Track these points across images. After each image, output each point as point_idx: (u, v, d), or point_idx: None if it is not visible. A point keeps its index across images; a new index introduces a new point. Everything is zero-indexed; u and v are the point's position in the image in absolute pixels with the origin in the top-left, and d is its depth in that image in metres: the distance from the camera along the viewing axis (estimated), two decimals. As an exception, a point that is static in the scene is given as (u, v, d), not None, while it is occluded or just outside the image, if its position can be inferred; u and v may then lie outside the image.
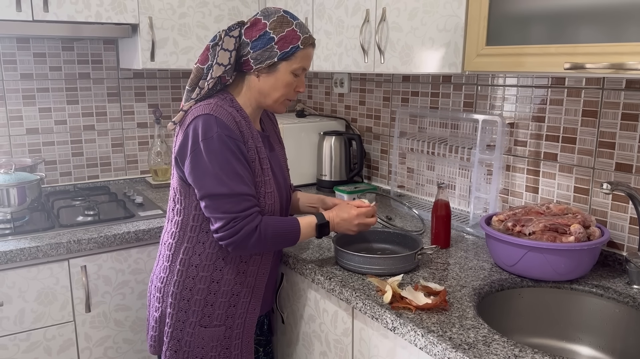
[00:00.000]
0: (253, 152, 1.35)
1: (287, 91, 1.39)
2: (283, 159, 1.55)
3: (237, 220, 1.29)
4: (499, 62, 1.36)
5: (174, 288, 1.40)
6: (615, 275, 1.46)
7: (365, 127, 2.42)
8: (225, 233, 1.30)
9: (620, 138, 1.48)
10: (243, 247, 1.31)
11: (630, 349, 1.31)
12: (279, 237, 1.35)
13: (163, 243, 1.46)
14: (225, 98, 1.37)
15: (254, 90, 1.39)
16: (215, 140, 1.27)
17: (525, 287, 1.44)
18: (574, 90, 1.58)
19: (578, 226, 1.40)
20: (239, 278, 1.41)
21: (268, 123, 1.55)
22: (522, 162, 1.76)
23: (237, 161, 1.29)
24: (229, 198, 1.28)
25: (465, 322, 1.20)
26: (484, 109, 1.87)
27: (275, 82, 1.36)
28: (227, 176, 1.28)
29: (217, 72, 1.33)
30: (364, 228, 1.47)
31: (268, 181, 1.38)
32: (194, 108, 1.34)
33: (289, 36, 1.33)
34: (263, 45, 1.32)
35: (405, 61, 1.66)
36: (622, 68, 1.10)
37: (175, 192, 1.41)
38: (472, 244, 1.72)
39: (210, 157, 1.27)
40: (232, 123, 1.31)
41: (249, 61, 1.34)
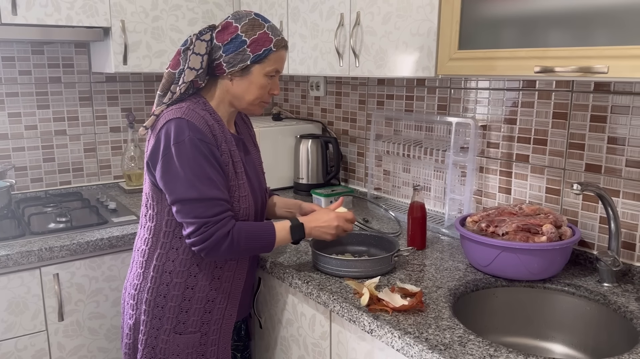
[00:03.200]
0: (227, 156, 1.34)
1: (261, 94, 1.38)
2: (258, 162, 1.53)
3: (209, 225, 1.27)
4: (471, 66, 1.38)
5: (148, 295, 1.37)
6: (586, 273, 1.49)
7: (341, 130, 2.42)
8: (197, 239, 1.28)
9: (590, 140, 1.51)
10: (215, 252, 1.30)
11: (601, 345, 1.34)
12: (252, 242, 1.33)
13: (136, 249, 1.44)
14: (197, 101, 1.36)
15: (227, 93, 1.38)
16: (187, 144, 1.26)
17: (500, 287, 1.46)
18: (544, 92, 1.61)
19: (550, 226, 1.43)
20: (214, 283, 1.39)
21: (243, 127, 1.53)
22: (494, 163, 1.79)
23: (209, 165, 1.28)
24: (200, 202, 1.27)
25: (441, 323, 1.21)
26: (457, 112, 1.89)
27: (249, 85, 1.35)
28: (199, 180, 1.26)
29: (189, 77, 1.32)
30: (342, 233, 1.45)
31: (242, 185, 1.37)
32: (165, 112, 1.33)
33: (261, 39, 1.33)
34: (235, 48, 1.31)
35: (380, 65, 1.68)
36: (589, 72, 1.12)
37: (148, 198, 1.38)
38: (448, 245, 1.74)
39: (181, 161, 1.26)
40: (205, 126, 1.29)
41: (221, 65, 1.33)
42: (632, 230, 1.45)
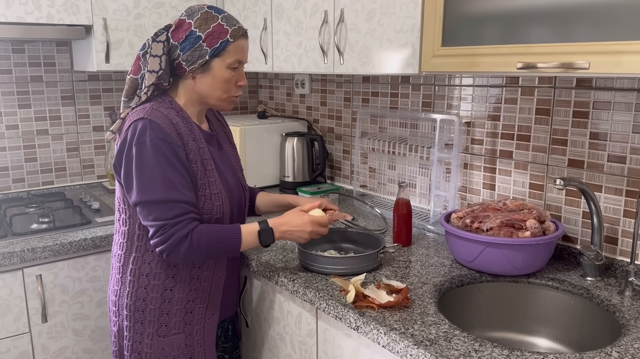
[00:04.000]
0: (194, 154, 1.31)
1: (227, 87, 1.35)
2: (235, 159, 1.50)
3: (167, 227, 1.25)
4: (454, 63, 1.39)
5: (128, 300, 1.36)
6: (570, 267, 1.51)
7: (327, 128, 2.42)
8: (156, 240, 1.26)
9: (572, 135, 1.53)
10: (175, 255, 1.27)
11: (585, 339, 1.36)
12: (215, 246, 1.29)
13: (113, 255, 1.42)
14: (163, 100, 1.34)
15: (193, 91, 1.36)
16: (148, 144, 1.24)
17: (485, 282, 1.47)
18: (527, 89, 1.62)
19: (534, 221, 1.44)
20: (193, 284, 1.37)
21: (216, 124, 1.51)
22: (479, 159, 1.80)
23: (169, 166, 1.25)
24: (159, 204, 1.24)
25: (427, 318, 1.22)
26: (441, 109, 1.90)
27: (213, 80, 1.33)
28: (157, 182, 1.24)
29: (150, 80, 1.30)
30: (315, 236, 1.41)
31: (214, 183, 1.34)
32: (130, 114, 1.31)
33: (216, 31, 1.30)
34: (191, 45, 1.29)
35: (364, 62, 1.68)
36: (571, 68, 1.13)
37: (119, 202, 1.36)
38: (433, 241, 1.74)
39: (140, 162, 1.24)
40: (168, 125, 1.27)
41: (181, 64, 1.31)
42: (615, 225, 1.46)
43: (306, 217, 1.39)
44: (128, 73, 1.35)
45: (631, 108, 1.39)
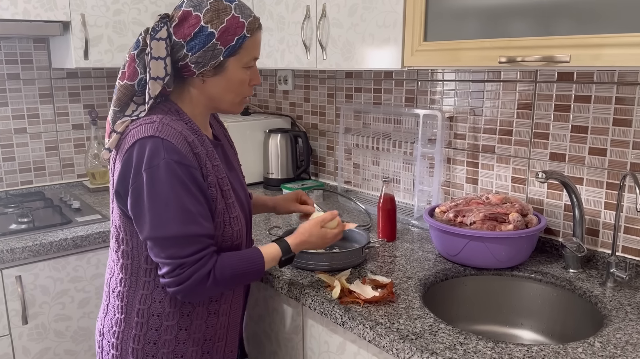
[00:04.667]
0: (212, 176, 1.13)
1: (241, 89, 1.17)
2: (238, 165, 1.34)
3: (185, 267, 1.07)
4: (436, 57, 1.39)
5: (135, 344, 1.16)
6: (552, 260, 1.52)
7: (310, 124, 2.41)
8: (171, 280, 1.08)
9: (554, 129, 1.54)
10: (195, 295, 1.10)
11: (568, 330, 1.37)
12: (238, 278, 1.14)
13: (111, 290, 1.21)
14: (170, 110, 1.14)
15: (201, 96, 1.17)
16: (162, 169, 1.04)
17: (469, 276, 1.47)
18: (509, 84, 1.63)
19: (516, 214, 1.45)
20: (211, 320, 1.20)
21: (217, 127, 1.33)
22: (461, 154, 1.81)
23: (187, 194, 1.06)
24: (175, 240, 1.06)
25: (412, 312, 1.22)
26: (424, 104, 1.90)
27: (227, 82, 1.14)
28: (174, 214, 1.05)
29: (156, 89, 1.10)
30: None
31: (231, 205, 1.17)
32: (132, 129, 1.10)
33: (231, 26, 1.10)
34: (202, 44, 1.09)
35: (347, 57, 1.67)
36: (552, 61, 1.14)
37: (119, 231, 1.15)
38: (417, 236, 1.75)
39: (153, 191, 1.05)
40: (184, 144, 1.07)
41: (188, 66, 1.11)
42: (596, 217, 1.48)
43: (330, 234, 1.29)
44: (120, 78, 1.13)
45: (611, 101, 1.41)
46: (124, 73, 1.13)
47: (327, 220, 1.30)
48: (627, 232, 1.42)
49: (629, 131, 1.39)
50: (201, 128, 1.20)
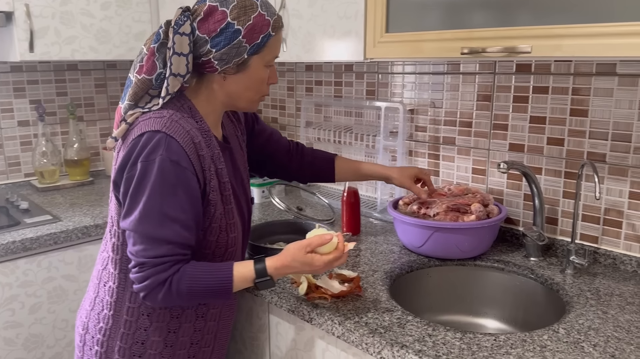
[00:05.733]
0: (214, 180, 1.10)
1: (261, 88, 1.14)
2: (244, 169, 1.28)
3: (145, 267, 1.04)
4: (398, 49, 1.38)
5: (122, 343, 1.14)
6: (513, 249, 1.55)
7: (270, 118, 2.37)
8: (133, 277, 1.05)
9: (513, 120, 1.57)
10: (153, 300, 1.06)
11: (531, 318, 1.40)
12: (199, 295, 1.06)
13: (102, 283, 1.17)
14: (182, 106, 1.11)
15: (219, 93, 1.13)
16: (156, 165, 1.01)
17: (433, 267, 1.48)
18: (468, 75, 1.65)
19: (478, 205, 1.46)
20: (199, 324, 1.18)
21: (229, 127, 1.27)
22: (423, 146, 1.81)
23: (172, 197, 1.02)
24: (144, 238, 1.03)
25: (380, 306, 1.21)
26: (385, 97, 1.90)
27: (248, 80, 1.11)
28: (151, 213, 1.02)
29: (175, 86, 1.07)
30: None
31: (230, 211, 1.13)
32: (141, 122, 1.07)
33: (258, 24, 1.07)
34: (228, 41, 1.05)
35: (308, 49, 1.64)
36: (514, 52, 1.15)
37: (113, 222, 1.14)
38: (381, 229, 1.74)
39: (141, 184, 1.02)
40: (189, 144, 1.05)
41: (211, 62, 1.08)
42: (555, 206, 1.51)
43: (318, 261, 1.09)
44: (137, 72, 1.08)
45: (567, 92, 1.44)
46: (141, 67, 1.08)
47: (314, 244, 1.09)
48: (585, 220, 1.46)
49: (586, 121, 1.42)
50: (212, 127, 1.16)
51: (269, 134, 1.46)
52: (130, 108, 1.11)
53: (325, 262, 1.09)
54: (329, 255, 1.10)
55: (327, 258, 1.09)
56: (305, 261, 1.09)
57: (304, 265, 1.09)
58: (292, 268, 1.10)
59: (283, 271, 1.11)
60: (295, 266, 1.10)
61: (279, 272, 1.10)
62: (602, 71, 1.37)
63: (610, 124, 1.38)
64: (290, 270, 1.11)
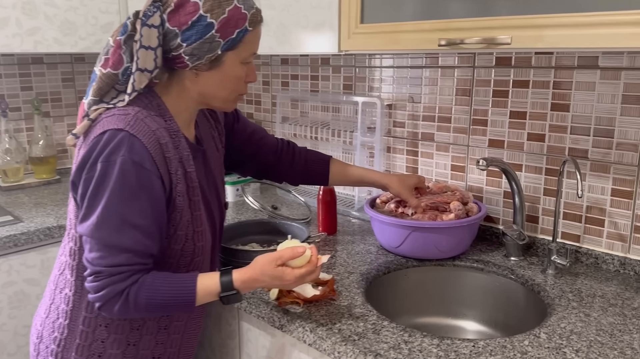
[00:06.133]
0: (181, 184, 1.02)
1: (237, 86, 1.06)
2: (219, 172, 1.21)
3: (101, 276, 0.96)
4: (374, 41, 1.32)
5: (77, 355, 1.07)
6: (493, 248, 1.50)
7: (245, 114, 2.30)
8: (89, 286, 0.98)
9: (493, 115, 1.52)
10: (109, 311, 0.99)
11: (511, 320, 1.35)
12: (159, 307, 0.99)
13: (59, 289, 1.10)
14: (150, 103, 1.03)
15: (191, 90, 1.05)
16: (117, 167, 0.94)
17: (411, 267, 1.43)
18: (447, 69, 1.59)
19: (457, 203, 1.41)
20: (161, 336, 1.10)
21: (204, 126, 1.19)
22: (401, 143, 1.76)
23: (133, 202, 0.95)
24: (101, 245, 0.96)
25: (354, 310, 1.15)
26: (363, 91, 1.84)
27: (222, 78, 1.03)
28: (109, 218, 0.95)
29: (142, 82, 1.00)
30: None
31: (198, 217, 1.06)
32: (104, 118, 0.99)
33: (233, 17, 0.99)
34: (199, 35, 0.98)
35: (282, 41, 1.57)
36: (493, 43, 1.10)
37: (72, 226, 1.06)
38: (359, 228, 1.69)
39: (100, 186, 0.95)
40: (154, 145, 0.97)
41: (181, 57, 1.00)
42: (535, 203, 1.47)
43: (289, 275, 1.03)
44: (101, 65, 1.01)
45: (548, 85, 1.40)
46: (107, 60, 1.01)
47: (285, 257, 1.03)
48: (567, 218, 1.42)
49: (567, 116, 1.38)
50: (183, 127, 1.08)
51: (250, 133, 1.38)
52: (95, 104, 1.03)
53: (297, 276, 1.03)
54: (300, 269, 1.03)
55: (299, 272, 1.03)
56: (275, 275, 1.02)
57: (273, 279, 1.03)
58: (260, 281, 1.03)
59: (251, 285, 1.04)
60: (264, 280, 1.03)
61: (247, 286, 1.03)
62: (584, 64, 1.33)
63: (592, 119, 1.34)
64: (259, 284, 1.04)
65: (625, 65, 1.27)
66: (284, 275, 1.02)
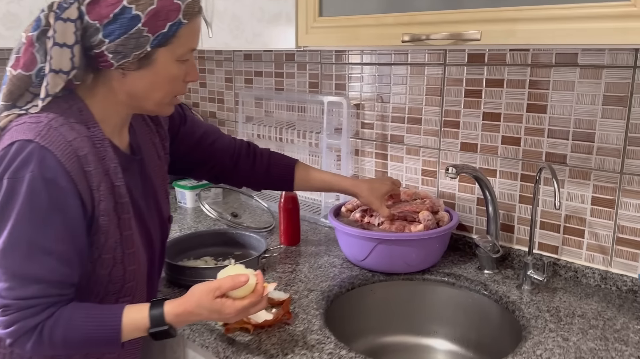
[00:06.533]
0: (107, 201, 0.89)
1: (173, 87, 0.93)
2: (160, 183, 1.07)
3: (10, 310, 0.84)
4: (334, 36, 1.20)
5: None
6: (466, 259, 1.39)
7: (208, 112, 2.17)
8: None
9: (465, 116, 1.40)
10: (21, 348, 0.86)
11: (484, 339, 1.25)
12: (78, 344, 0.87)
13: None
14: (70, 108, 0.89)
15: (119, 93, 0.91)
16: (25, 184, 0.81)
17: (377, 282, 1.32)
18: (416, 67, 1.48)
19: (427, 213, 1.30)
20: None
21: (142, 131, 1.05)
22: (370, 145, 1.64)
23: (45, 224, 0.83)
24: (8, 275, 0.83)
25: (310, 337, 1.03)
26: (329, 90, 1.72)
27: (155, 78, 0.90)
28: (17, 244, 0.82)
29: (56, 85, 0.86)
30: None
31: (129, 238, 0.93)
32: (14, 127, 0.86)
33: (163, 9, 0.85)
34: (124, 29, 0.84)
35: (236, 35, 1.44)
36: (461, 39, 0.98)
37: None
38: (325, 237, 1.57)
39: (6, 206, 0.82)
40: (70, 157, 0.84)
41: (104, 55, 0.86)
42: (510, 212, 1.37)
43: (229, 308, 0.90)
44: (12, 66, 0.87)
45: (524, 85, 1.29)
46: (18, 60, 0.87)
47: (224, 288, 0.90)
48: (544, 228, 1.32)
49: (544, 118, 1.27)
50: (112, 134, 0.95)
51: (201, 136, 1.24)
52: (6, 109, 0.89)
53: (238, 309, 0.90)
54: (243, 301, 0.91)
55: (242, 304, 0.90)
56: (213, 308, 0.89)
57: (211, 312, 0.90)
58: (197, 315, 0.90)
59: (186, 319, 0.91)
60: (201, 314, 0.90)
61: (180, 320, 0.90)
62: (562, 62, 1.22)
63: (571, 121, 1.23)
64: (195, 318, 0.91)
65: (606, 63, 1.16)
66: (224, 307, 0.89)
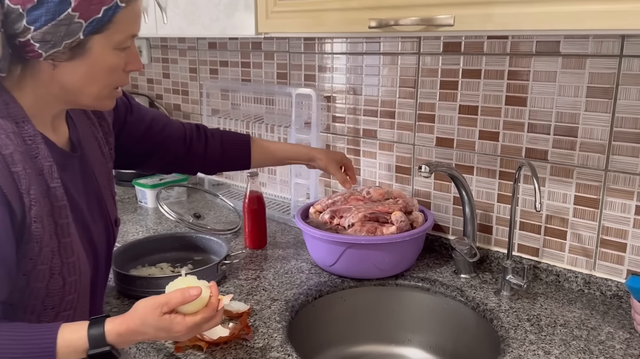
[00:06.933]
0: (40, 205, 0.79)
1: (112, 78, 0.84)
2: (105, 180, 0.98)
3: None
4: (296, 21, 1.09)
5: None
6: (442, 262, 1.31)
7: (172, 105, 2.05)
8: None
9: (440, 110, 1.31)
10: None
11: (461, 348, 1.16)
12: None
13: None
14: None
15: (51, 86, 0.82)
16: None
17: (347, 289, 1.22)
18: (389, 57, 1.38)
19: (399, 214, 1.21)
20: None
21: (83, 126, 0.95)
22: (342, 140, 1.54)
23: None
24: None
25: (269, 355, 0.94)
26: (298, 81, 1.61)
27: (90, 69, 0.81)
28: None
29: None
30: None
31: (67, 246, 0.84)
32: None
33: None
34: (51, 15, 0.75)
35: (192, 20, 1.33)
36: (433, 25, 0.88)
37: None
38: (294, 239, 1.47)
39: None
40: None
41: (31, 45, 0.77)
42: (488, 211, 1.28)
43: (179, 325, 0.80)
44: None
45: (503, 76, 1.20)
46: None
47: (173, 303, 0.79)
48: (524, 229, 1.23)
49: (524, 111, 1.18)
50: (46, 130, 0.85)
51: (149, 124, 1.13)
52: None
53: (190, 326, 0.80)
54: (195, 316, 0.81)
55: (193, 321, 0.80)
56: (160, 326, 0.79)
57: (159, 330, 0.79)
58: (142, 334, 0.79)
59: (130, 339, 0.80)
60: (147, 332, 0.79)
61: (124, 340, 0.79)
62: (544, 50, 1.13)
63: (552, 115, 1.15)
64: (141, 337, 0.80)
65: (590, 52, 1.08)
66: (172, 325, 0.79)
